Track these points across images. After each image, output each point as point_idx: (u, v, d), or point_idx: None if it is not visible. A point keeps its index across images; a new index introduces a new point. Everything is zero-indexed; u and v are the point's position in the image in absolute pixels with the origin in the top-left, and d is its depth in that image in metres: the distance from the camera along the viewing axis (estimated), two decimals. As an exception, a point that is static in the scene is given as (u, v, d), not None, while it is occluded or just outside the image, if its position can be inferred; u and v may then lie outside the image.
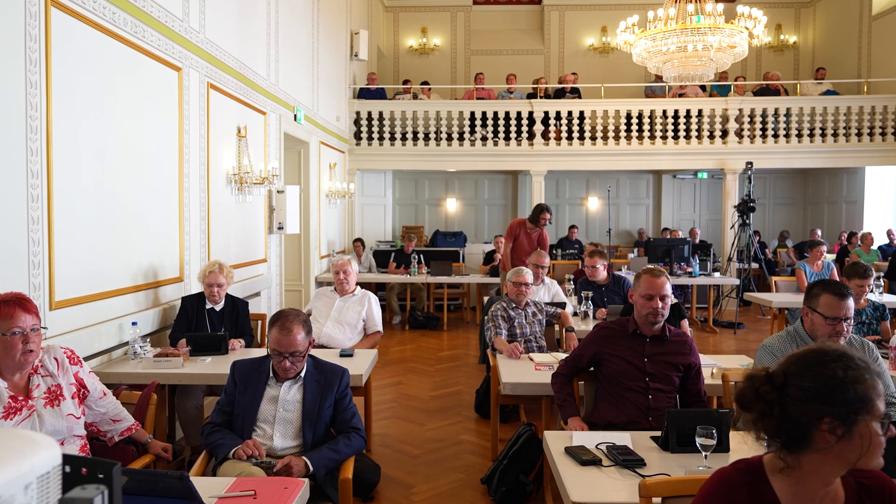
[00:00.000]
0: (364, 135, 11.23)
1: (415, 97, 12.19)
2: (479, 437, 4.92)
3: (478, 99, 11.80)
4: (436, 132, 11.28)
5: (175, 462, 4.13)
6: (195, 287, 4.93)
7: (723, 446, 2.46)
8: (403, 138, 11.23)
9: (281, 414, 2.80)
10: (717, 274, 9.59)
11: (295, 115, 7.88)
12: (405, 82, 13.00)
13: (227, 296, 4.66)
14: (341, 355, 4.17)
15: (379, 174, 12.79)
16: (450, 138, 11.30)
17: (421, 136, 11.21)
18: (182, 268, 4.94)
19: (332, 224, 10.14)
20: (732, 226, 10.31)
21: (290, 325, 2.76)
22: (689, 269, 9.21)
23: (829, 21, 13.99)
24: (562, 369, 3.33)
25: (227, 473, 2.54)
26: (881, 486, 1.52)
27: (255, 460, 2.61)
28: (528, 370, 3.90)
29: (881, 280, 7.07)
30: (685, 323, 4.64)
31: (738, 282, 9.59)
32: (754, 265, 10.36)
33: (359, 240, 10.25)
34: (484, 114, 11.30)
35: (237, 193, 6.01)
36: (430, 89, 12.38)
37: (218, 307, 4.59)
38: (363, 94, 11.51)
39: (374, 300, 4.96)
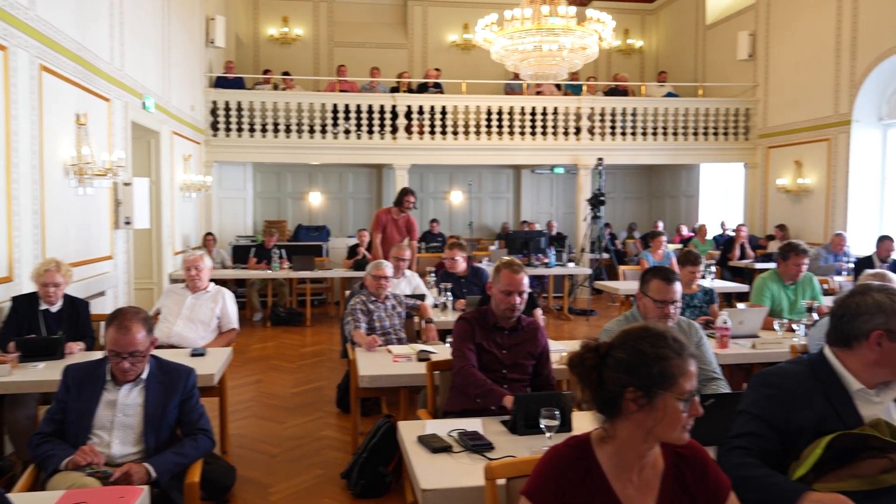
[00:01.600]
0: (221, 125, 10.77)
1: (276, 88, 11.85)
2: (340, 432, 4.89)
3: (341, 91, 11.67)
4: (298, 124, 11.03)
5: (3, 479, 3.79)
6: (27, 287, 4.53)
7: (566, 426, 2.59)
8: (264, 130, 10.89)
9: (120, 419, 2.64)
10: (571, 264, 10.08)
11: (143, 103, 7.42)
12: (265, 72, 12.60)
13: (66, 296, 4.32)
14: (192, 355, 3.99)
15: (238, 167, 12.33)
16: (312, 131, 11.09)
17: (282, 128, 10.92)
18: (11, 266, 4.52)
19: (188, 218, 9.66)
20: (585, 218, 10.89)
21: (128, 324, 2.60)
22: (546, 260, 9.61)
23: (670, 28, 15.07)
24: (464, 360, 3.15)
25: (58, 486, 2.35)
26: (696, 456, 1.66)
27: (92, 469, 2.44)
28: (387, 362, 3.92)
29: (713, 267, 7.73)
30: (538, 312, 4.85)
31: (590, 271, 10.14)
32: (605, 255, 11.00)
33: (210, 234, 9.84)
34: (347, 107, 11.18)
35: (77, 186, 5.57)
36: (291, 80, 12.08)
37: (54, 308, 4.25)
38: (220, 83, 11.04)
39: (228, 296, 4.78)
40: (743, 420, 2.01)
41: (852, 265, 7.76)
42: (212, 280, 4.90)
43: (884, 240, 7.35)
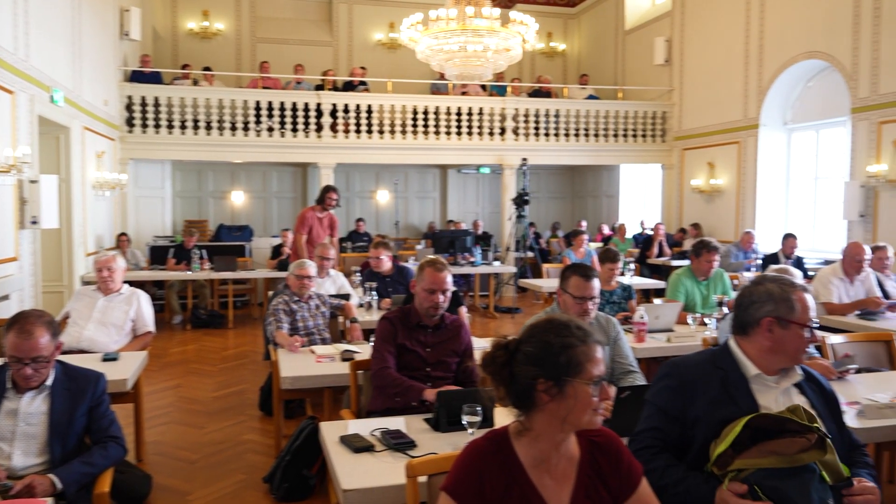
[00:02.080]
0: (138, 122, 10.37)
1: (195, 83, 11.49)
2: (263, 436, 4.79)
3: (264, 88, 11.43)
4: (219, 121, 10.74)
5: None
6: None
7: (489, 422, 2.61)
8: (183, 127, 10.54)
9: (22, 429, 2.50)
10: (497, 263, 10.21)
11: (51, 97, 7.06)
12: (184, 67, 12.20)
13: (-38, 300, 4.06)
14: (104, 359, 3.83)
15: (156, 165, 11.90)
16: (234, 128, 10.82)
17: (203, 124, 10.60)
18: None
19: (102, 218, 9.25)
20: (510, 218, 11.04)
21: (30, 328, 2.46)
22: (472, 259, 9.69)
23: (591, 32, 15.46)
24: (383, 361, 3.15)
25: (-48, 502, 2.21)
26: (610, 444, 1.72)
27: (-8, 484, 2.30)
28: (310, 363, 3.87)
29: (632, 265, 7.98)
30: (463, 310, 4.88)
31: (515, 270, 10.29)
32: (530, 254, 11.20)
33: (124, 234, 9.46)
34: (270, 104, 10.97)
35: (-24, 183, 5.25)
36: (212, 76, 11.75)
37: (-50, 313, 3.99)
38: (136, 77, 10.62)
39: (143, 298, 4.61)
40: (647, 413, 2.09)
41: (760, 261, 8.16)
42: (126, 282, 4.71)
43: (788, 237, 7.76)
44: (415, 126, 11.47)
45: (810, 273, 7.15)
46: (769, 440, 1.84)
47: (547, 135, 12.06)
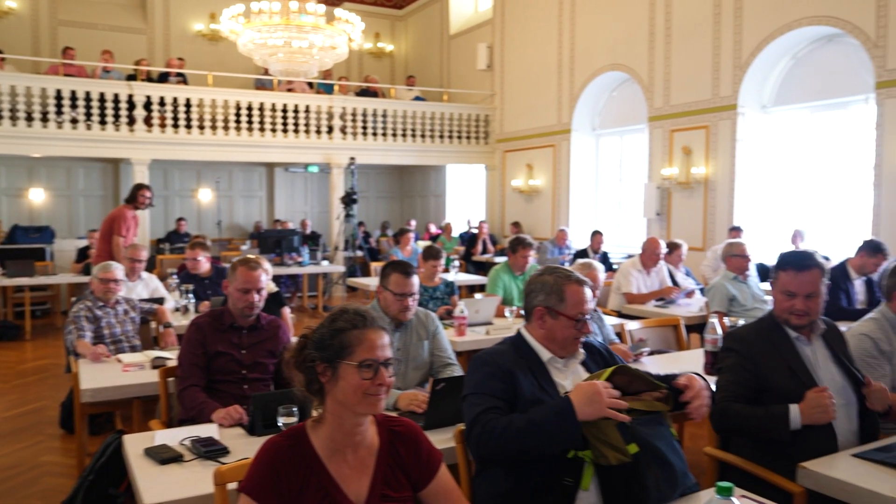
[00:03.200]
0: None
1: (-19, 67, 10.24)
2: (64, 456, 4.39)
3: (66, 76, 10.43)
4: (12, 110, 9.63)
5: None
6: None
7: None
8: (-34, 115, 9.36)
9: None
10: (325, 262, 10.10)
11: None
12: (-33, 48, 10.83)
13: None
14: None
15: (-68, 157, 10.46)
16: (31, 119, 9.77)
17: (-9, 113, 9.47)
18: None
19: None
20: (338, 217, 10.97)
21: None
22: (300, 259, 9.52)
23: (418, 35, 15.75)
24: (185, 380, 2.99)
25: None
26: (409, 433, 1.79)
27: None
28: (116, 373, 3.59)
29: (457, 262, 8.25)
30: (286, 311, 4.78)
31: (344, 269, 10.24)
32: (359, 253, 11.20)
33: None
34: (74, 93, 10.02)
35: None
36: (3, 59, 10.53)
37: None
38: None
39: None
40: (474, 401, 2.07)
41: (572, 256, 8.77)
42: None
43: (595, 234, 8.41)
44: (238, 122, 11.03)
45: (615, 266, 7.80)
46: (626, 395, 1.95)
47: (375, 134, 12.11)
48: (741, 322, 4.13)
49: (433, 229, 13.09)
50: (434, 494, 1.76)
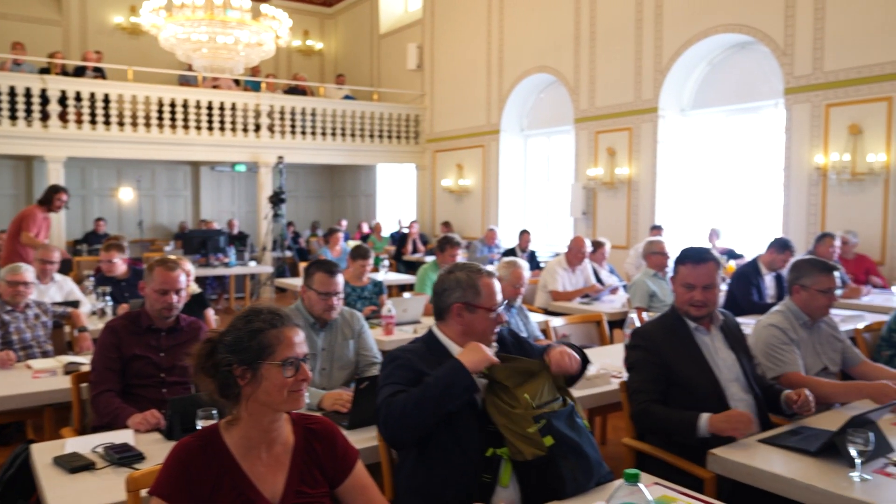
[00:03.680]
0: None
1: None
2: (-30, 468, 4.15)
3: (-29, 68, 9.88)
4: None
5: None
6: None
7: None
8: None
9: None
10: (253, 263, 9.91)
11: None
12: None
13: None
14: None
15: None
16: (-69, 112, 9.21)
17: None
18: None
19: None
20: (266, 217, 10.77)
21: None
22: (226, 260, 9.31)
23: (348, 33, 15.63)
24: (99, 385, 2.87)
25: None
26: (325, 430, 1.80)
27: None
28: (25, 379, 3.43)
29: (386, 261, 8.24)
30: (209, 313, 4.66)
31: (272, 269, 10.07)
32: (288, 253, 11.02)
33: None
34: (-19, 87, 9.51)
35: None
36: None
37: None
38: None
39: None
40: (383, 392, 2.12)
41: (501, 255, 8.88)
42: None
43: (523, 233, 8.55)
44: (160, 119, 10.67)
45: (542, 265, 7.94)
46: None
47: (304, 133, 11.95)
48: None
49: (365, 229, 13.01)
50: (350, 490, 1.78)
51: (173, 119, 10.75)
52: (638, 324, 3.58)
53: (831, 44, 7.14)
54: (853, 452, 2.06)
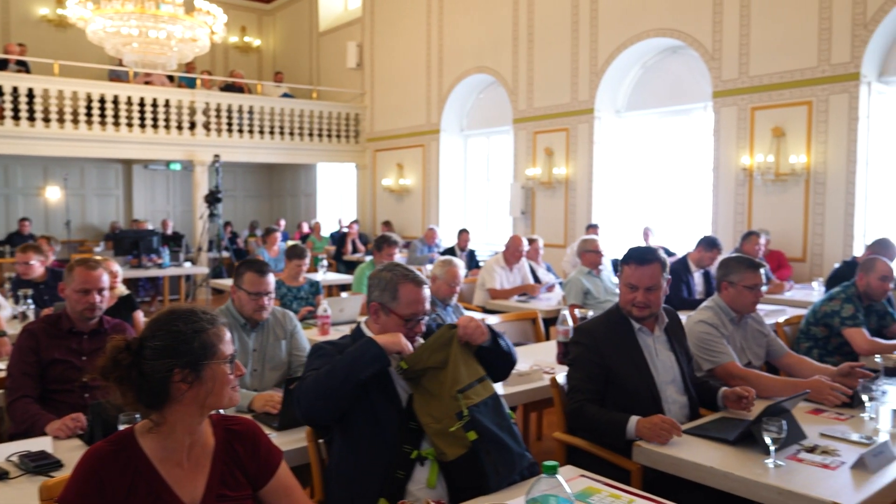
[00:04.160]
0: None
1: None
2: None
3: None
4: None
5: None
6: None
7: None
8: None
9: None
10: (188, 264, 9.67)
11: None
12: None
13: None
14: None
15: None
16: None
17: None
18: None
19: None
20: (202, 216, 10.52)
21: None
22: (160, 261, 9.04)
23: (286, 31, 15.41)
24: (15, 391, 2.75)
25: None
26: (248, 431, 1.76)
27: None
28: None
29: (325, 261, 8.16)
30: (138, 315, 4.52)
31: (208, 270, 9.85)
32: (225, 254, 10.79)
33: None
34: None
35: None
36: None
37: None
38: None
39: None
40: (304, 377, 2.15)
41: (440, 255, 8.90)
42: None
43: (462, 232, 8.58)
44: (90, 115, 10.30)
45: (481, 263, 8.00)
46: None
47: (241, 131, 11.73)
48: (591, 314, 4.37)
49: (305, 229, 12.85)
50: (274, 492, 1.75)
51: (103, 115, 10.39)
52: (570, 321, 3.64)
53: (756, 49, 7.42)
54: (767, 440, 2.15)
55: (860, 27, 6.65)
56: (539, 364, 3.48)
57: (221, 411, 1.77)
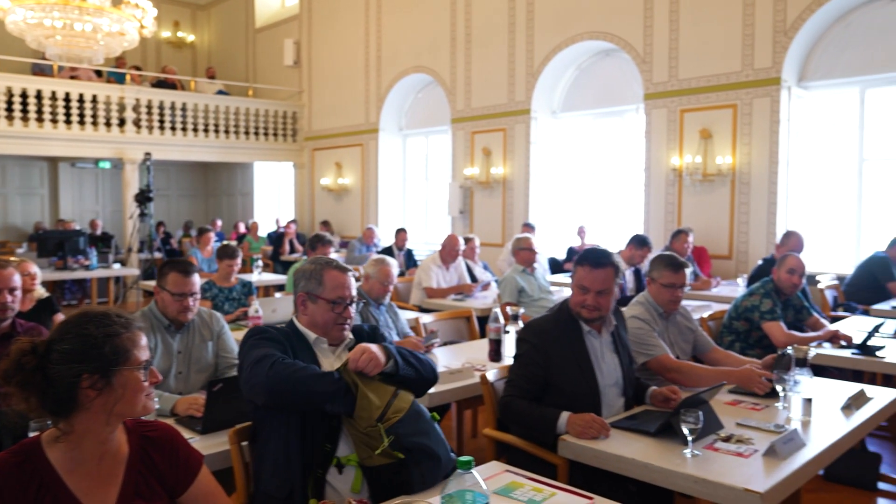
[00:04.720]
0: None
1: None
2: None
3: None
4: None
5: None
6: None
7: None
8: None
9: None
10: (118, 265, 9.35)
11: None
12: None
13: None
14: None
15: None
16: None
17: None
18: None
19: None
20: (132, 216, 10.20)
21: None
22: (87, 262, 8.72)
23: (221, 26, 15.07)
24: None
25: None
26: (165, 437, 1.68)
27: None
28: None
29: (260, 261, 8.03)
30: (59, 318, 4.35)
31: (139, 272, 9.55)
32: (158, 255, 10.48)
33: None
34: None
35: None
36: None
37: None
38: None
39: None
40: (266, 352, 2.09)
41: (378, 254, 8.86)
42: None
43: (399, 232, 8.56)
44: (10, 111, 9.85)
45: (419, 263, 7.99)
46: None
47: (174, 129, 11.42)
48: (522, 311, 4.42)
49: (241, 229, 12.61)
50: (195, 498, 1.69)
51: (25, 111, 9.97)
52: (502, 319, 3.67)
53: (685, 54, 7.65)
54: (685, 431, 2.21)
55: (780, 34, 6.93)
56: (471, 361, 3.50)
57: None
